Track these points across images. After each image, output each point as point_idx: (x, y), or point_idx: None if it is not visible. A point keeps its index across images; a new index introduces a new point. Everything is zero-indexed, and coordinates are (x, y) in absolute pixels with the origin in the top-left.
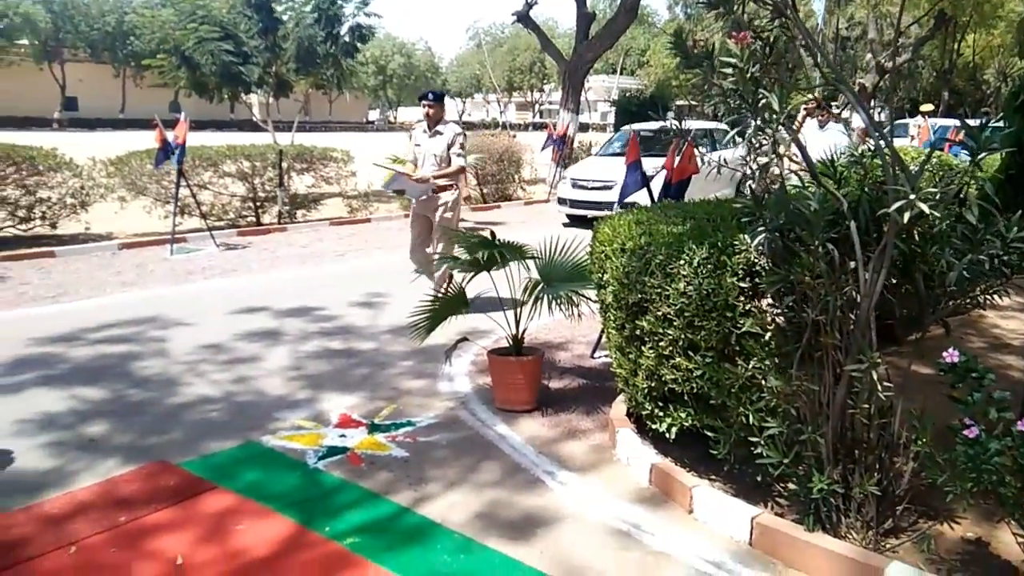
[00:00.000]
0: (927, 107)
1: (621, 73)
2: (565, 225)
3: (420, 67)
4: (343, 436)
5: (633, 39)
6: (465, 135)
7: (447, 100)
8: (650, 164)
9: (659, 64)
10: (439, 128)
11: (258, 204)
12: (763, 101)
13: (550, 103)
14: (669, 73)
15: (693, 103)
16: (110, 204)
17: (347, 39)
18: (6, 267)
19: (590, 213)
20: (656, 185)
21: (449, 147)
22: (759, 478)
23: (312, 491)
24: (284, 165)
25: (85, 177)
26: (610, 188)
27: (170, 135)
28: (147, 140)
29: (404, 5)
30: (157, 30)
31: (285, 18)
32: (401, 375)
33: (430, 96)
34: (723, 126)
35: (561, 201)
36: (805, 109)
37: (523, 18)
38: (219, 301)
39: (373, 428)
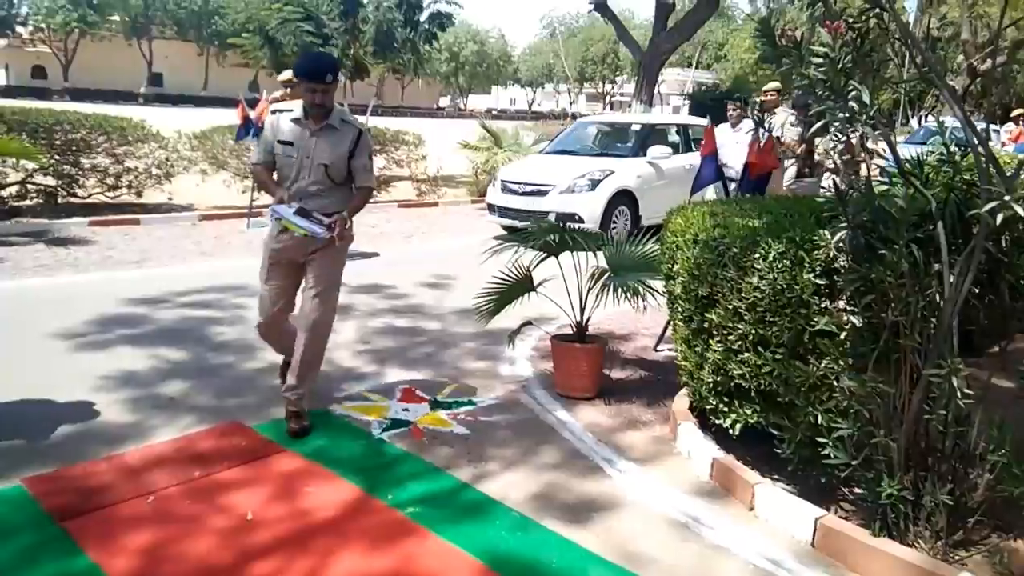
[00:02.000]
0: (1020, 111)
1: (697, 67)
2: (497, 238)
3: (492, 55)
4: (406, 410)
5: (711, 32)
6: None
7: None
8: (600, 165)
9: (737, 58)
10: (332, 122)
11: None
12: (853, 93)
13: (621, 95)
14: (747, 68)
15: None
16: (192, 176)
17: (427, 25)
18: (94, 231)
19: (520, 224)
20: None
21: (352, 156)
22: (824, 480)
23: (376, 460)
24: None
25: (170, 149)
26: (544, 194)
27: (252, 113)
28: (228, 117)
29: None
30: (242, 10)
31: (365, 1)
32: (464, 355)
33: (326, 73)
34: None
35: (490, 208)
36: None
37: (600, 7)
38: None
39: (435, 404)
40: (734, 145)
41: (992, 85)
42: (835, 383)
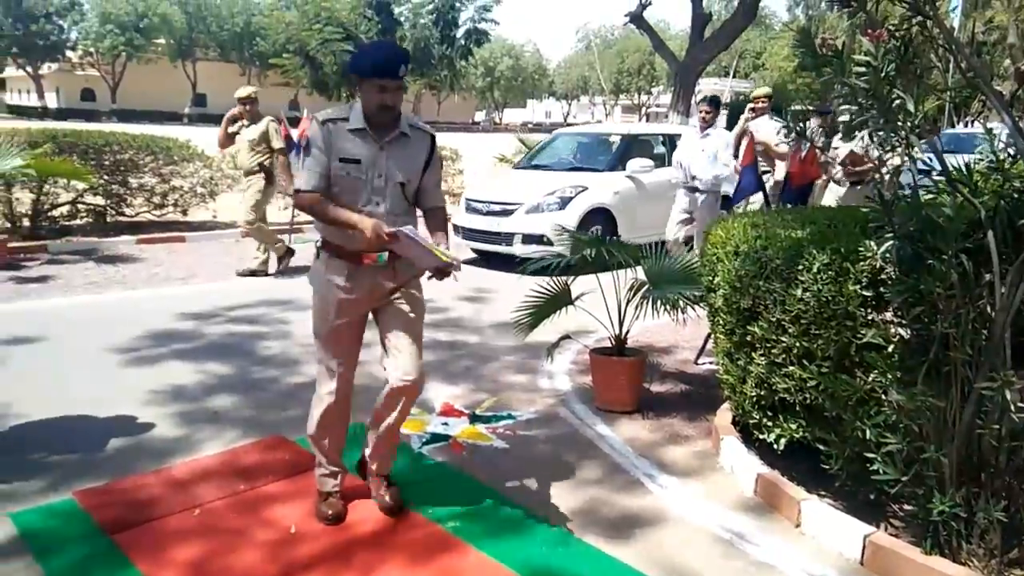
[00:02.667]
0: None
1: (734, 76)
2: (467, 262)
3: (528, 69)
4: (446, 424)
5: (748, 41)
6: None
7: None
8: (572, 181)
9: (775, 67)
10: (403, 129)
11: None
12: (897, 102)
13: (657, 106)
14: (785, 76)
15: (810, 107)
16: (235, 195)
17: (463, 42)
18: (141, 249)
19: (485, 247)
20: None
21: (426, 169)
22: (872, 496)
23: (416, 474)
24: None
25: (214, 168)
26: (509, 213)
27: (293, 132)
28: None
29: (514, 7)
30: (282, 31)
31: (403, 19)
32: (503, 369)
33: (399, 65)
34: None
35: (455, 229)
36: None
37: (636, 18)
38: None
39: (474, 419)
40: (699, 153)
41: None
42: (883, 397)
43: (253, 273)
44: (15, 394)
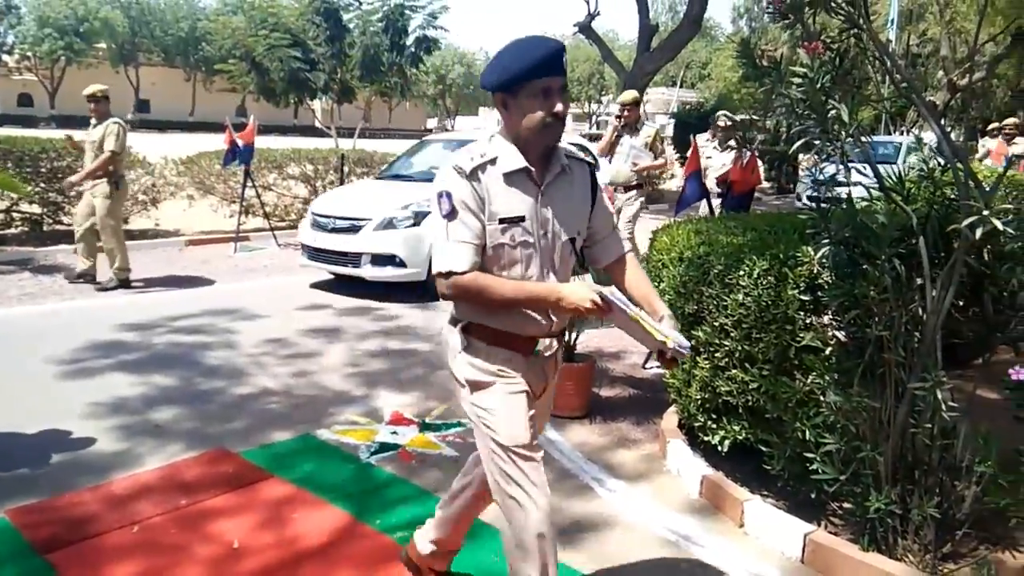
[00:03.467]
0: (1012, 121)
1: (681, 86)
2: (313, 286)
3: (479, 77)
4: (395, 433)
5: (695, 52)
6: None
7: None
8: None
9: (720, 77)
10: (561, 160)
11: None
12: (832, 112)
13: (607, 114)
14: (731, 86)
15: (755, 117)
16: (178, 202)
17: (413, 49)
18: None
19: (329, 269)
20: None
21: (593, 208)
22: (813, 495)
23: (364, 484)
24: (345, 169)
25: (156, 175)
26: (358, 230)
27: (237, 137)
28: (215, 142)
29: (466, 16)
30: (228, 36)
31: (352, 26)
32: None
33: (562, 55)
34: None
35: (302, 248)
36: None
37: (585, 29)
38: (280, 298)
39: (424, 427)
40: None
41: (971, 100)
42: (822, 398)
43: (82, 276)
44: None
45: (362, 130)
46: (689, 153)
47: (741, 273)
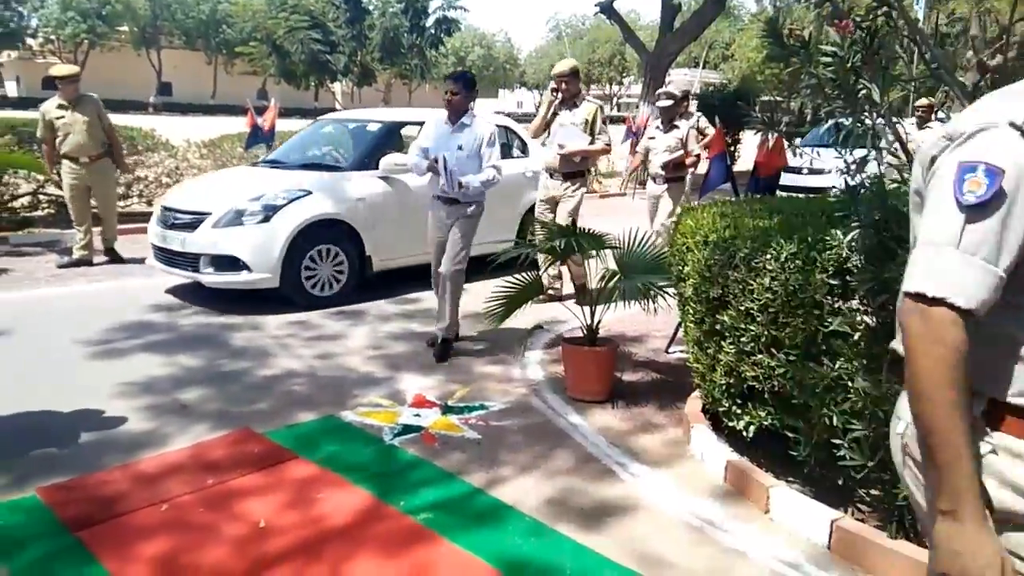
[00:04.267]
0: (924, 101)
1: (704, 67)
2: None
3: (499, 58)
4: (417, 415)
5: (718, 32)
6: None
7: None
8: (292, 183)
9: (744, 58)
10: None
11: None
12: (863, 92)
13: (628, 96)
14: (754, 67)
15: (779, 98)
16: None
17: (433, 31)
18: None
19: (172, 272)
20: None
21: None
22: (840, 482)
23: (388, 466)
24: None
25: (180, 158)
26: (196, 227)
27: (260, 120)
28: (237, 125)
29: None
30: (249, 19)
31: (371, 8)
32: (475, 360)
33: None
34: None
35: (151, 246)
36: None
37: (606, 9)
38: None
39: (447, 410)
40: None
41: (1002, 81)
42: (850, 384)
43: (77, 264)
44: None
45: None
46: (713, 135)
47: (768, 257)
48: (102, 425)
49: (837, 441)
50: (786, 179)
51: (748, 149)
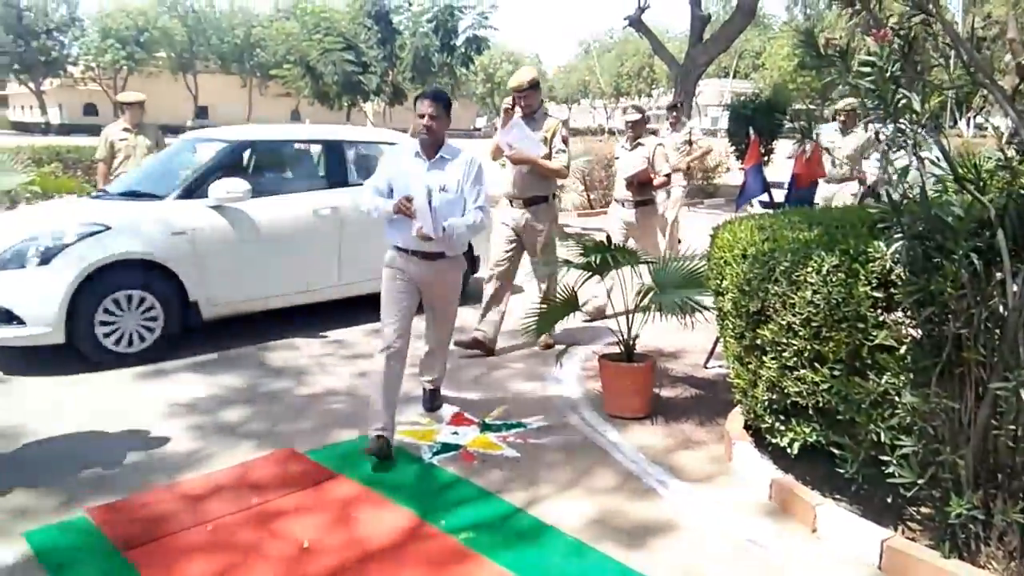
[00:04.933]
0: (847, 102)
1: (734, 76)
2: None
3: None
4: (456, 433)
5: (747, 41)
6: None
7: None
8: (86, 217)
9: (775, 66)
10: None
11: None
12: (903, 102)
13: (658, 108)
14: (786, 76)
15: (812, 106)
16: None
17: (463, 50)
18: None
19: None
20: None
21: None
22: (888, 499)
23: (428, 485)
24: None
25: None
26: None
27: None
28: None
29: (514, 15)
30: (283, 42)
31: (402, 28)
32: (512, 377)
33: None
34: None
35: None
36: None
37: (635, 22)
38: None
39: (485, 427)
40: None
41: None
42: (897, 399)
43: None
44: (28, 410)
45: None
46: (749, 146)
47: (809, 270)
48: (148, 445)
49: (885, 458)
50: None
51: (780, 159)
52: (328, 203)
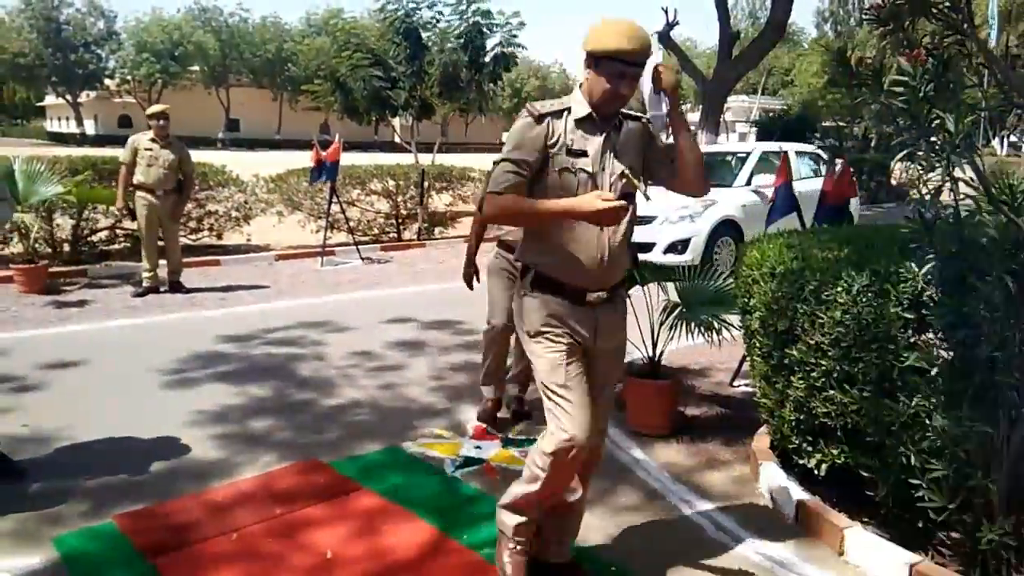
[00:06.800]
0: None
1: (763, 93)
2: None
3: (555, 89)
4: (478, 448)
5: (776, 58)
6: None
7: None
8: None
9: (804, 83)
10: None
11: (400, 221)
12: (937, 122)
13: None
14: (815, 93)
15: (842, 123)
16: (268, 218)
17: (491, 66)
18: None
19: None
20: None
21: None
22: (919, 524)
23: (451, 499)
24: (425, 184)
25: (248, 192)
26: None
27: (324, 156)
28: (301, 159)
29: (539, 27)
30: (313, 57)
31: (431, 44)
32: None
33: None
34: None
35: None
36: None
37: (664, 38)
38: (365, 311)
39: (507, 442)
40: None
41: None
42: (928, 422)
43: (148, 292)
44: (57, 418)
45: (440, 145)
46: (779, 164)
47: (839, 289)
48: (174, 453)
49: (915, 481)
50: None
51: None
52: None
